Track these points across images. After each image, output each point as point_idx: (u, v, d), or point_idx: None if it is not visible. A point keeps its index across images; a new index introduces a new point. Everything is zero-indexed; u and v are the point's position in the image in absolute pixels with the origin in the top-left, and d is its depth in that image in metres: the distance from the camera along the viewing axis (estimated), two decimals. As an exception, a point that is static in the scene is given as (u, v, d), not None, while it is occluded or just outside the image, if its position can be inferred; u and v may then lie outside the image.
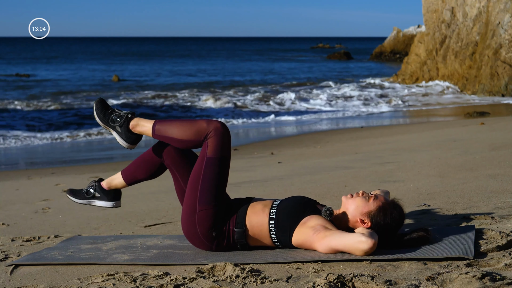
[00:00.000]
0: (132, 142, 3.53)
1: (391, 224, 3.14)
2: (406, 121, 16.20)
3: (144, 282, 2.88)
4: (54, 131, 14.77)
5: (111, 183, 3.61)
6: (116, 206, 3.62)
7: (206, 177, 3.32)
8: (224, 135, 3.35)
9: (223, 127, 3.36)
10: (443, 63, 23.34)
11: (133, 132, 3.51)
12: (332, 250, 3.06)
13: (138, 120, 3.51)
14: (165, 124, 3.45)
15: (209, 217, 3.27)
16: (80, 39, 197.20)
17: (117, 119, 3.52)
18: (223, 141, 3.34)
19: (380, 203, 3.17)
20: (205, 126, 3.36)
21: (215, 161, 3.33)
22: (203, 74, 37.08)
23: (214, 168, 3.32)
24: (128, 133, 3.51)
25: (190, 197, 3.33)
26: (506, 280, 2.53)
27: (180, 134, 3.40)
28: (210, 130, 3.34)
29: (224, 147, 3.35)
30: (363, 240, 2.97)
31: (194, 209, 3.30)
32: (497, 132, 9.30)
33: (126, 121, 3.51)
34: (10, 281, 3.08)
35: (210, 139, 3.34)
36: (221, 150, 3.34)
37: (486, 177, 5.04)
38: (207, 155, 3.33)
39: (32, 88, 27.24)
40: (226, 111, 18.91)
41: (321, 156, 8.77)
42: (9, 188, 7.41)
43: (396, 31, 45.92)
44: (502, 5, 20.89)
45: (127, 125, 3.51)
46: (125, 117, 3.51)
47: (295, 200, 3.29)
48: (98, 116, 3.56)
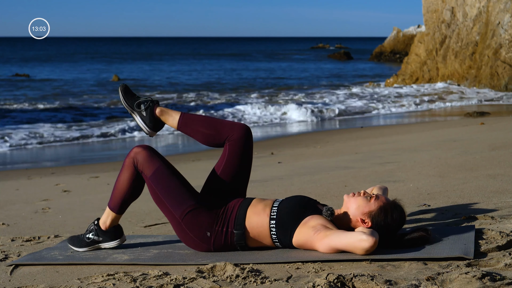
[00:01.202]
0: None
1: (391, 225, 3.14)
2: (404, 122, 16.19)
3: (144, 282, 2.88)
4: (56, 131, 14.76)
5: (164, 115, 3.57)
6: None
7: (163, 191, 3.38)
8: (146, 151, 3.45)
9: (141, 147, 3.48)
10: (443, 63, 23.34)
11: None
12: (333, 249, 3.06)
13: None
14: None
15: (195, 219, 3.29)
16: (80, 39, 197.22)
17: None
18: (148, 156, 3.44)
19: (381, 203, 3.17)
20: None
21: (155, 176, 3.40)
22: (188, 76, 37.03)
23: (160, 180, 3.39)
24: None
25: (167, 214, 3.39)
26: (506, 280, 2.53)
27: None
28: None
29: (154, 159, 3.44)
30: (364, 239, 2.97)
31: (177, 220, 3.35)
32: (497, 132, 9.30)
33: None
34: (10, 281, 3.08)
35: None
36: (151, 165, 3.42)
37: (486, 177, 5.03)
38: (147, 176, 3.42)
39: (32, 88, 27.24)
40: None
41: (321, 156, 8.77)
42: (9, 188, 7.41)
43: (396, 31, 45.92)
44: (502, 5, 20.89)
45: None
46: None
47: (296, 200, 3.29)
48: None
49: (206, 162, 8.68)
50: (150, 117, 3.56)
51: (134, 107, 3.58)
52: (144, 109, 3.56)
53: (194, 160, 9.34)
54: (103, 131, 14.26)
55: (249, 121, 16.10)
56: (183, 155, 10.47)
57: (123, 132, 14.07)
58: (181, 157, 10.26)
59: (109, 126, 15.00)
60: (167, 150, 11.55)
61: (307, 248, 3.17)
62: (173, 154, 10.85)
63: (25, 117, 17.44)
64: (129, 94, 3.62)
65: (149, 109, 3.55)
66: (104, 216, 3.56)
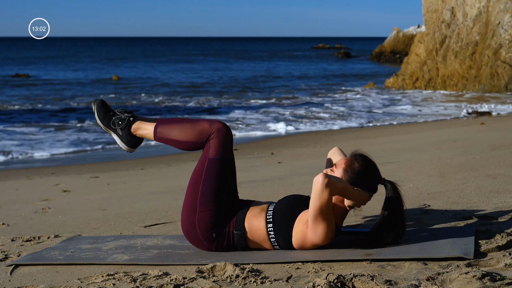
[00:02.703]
0: (133, 145, 3.54)
1: (363, 172, 3.17)
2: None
3: (144, 282, 2.88)
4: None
5: (139, 130, 3.51)
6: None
7: (208, 179, 3.31)
8: (226, 136, 3.35)
9: (225, 128, 3.36)
10: (443, 63, 23.34)
11: (134, 135, 3.51)
12: (315, 219, 3.07)
13: (139, 123, 3.50)
14: (167, 127, 3.45)
15: (209, 219, 3.27)
16: (80, 39, 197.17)
17: (118, 122, 3.52)
18: (226, 142, 3.34)
19: (342, 166, 3.21)
20: (207, 127, 3.36)
21: (217, 162, 3.32)
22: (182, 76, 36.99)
23: (216, 170, 3.32)
24: (129, 137, 3.51)
25: (190, 197, 3.32)
26: (506, 280, 2.53)
27: (182, 136, 3.40)
28: (213, 131, 3.34)
29: (227, 148, 3.35)
30: (315, 180, 3.02)
31: (194, 210, 3.30)
32: (497, 132, 9.30)
33: (128, 124, 3.50)
34: (10, 281, 3.08)
35: (212, 140, 3.34)
36: (224, 151, 3.34)
37: (486, 177, 5.03)
38: (209, 156, 3.33)
39: (31, 88, 27.23)
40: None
41: (321, 156, 8.76)
42: (9, 188, 7.41)
43: (396, 31, 45.92)
44: (502, 5, 20.89)
45: (129, 129, 3.51)
46: (126, 120, 3.51)
47: (288, 200, 3.30)
48: (99, 118, 3.55)
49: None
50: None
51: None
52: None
53: (194, 160, 9.33)
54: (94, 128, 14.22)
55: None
56: (183, 155, 10.46)
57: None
58: (181, 157, 10.26)
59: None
60: (167, 149, 11.55)
61: (306, 245, 3.16)
62: (173, 153, 10.84)
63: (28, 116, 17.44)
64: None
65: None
66: (142, 125, 3.48)
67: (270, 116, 17.09)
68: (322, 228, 3.08)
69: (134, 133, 3.50)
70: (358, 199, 3.17)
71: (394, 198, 3.17)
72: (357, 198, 3.16)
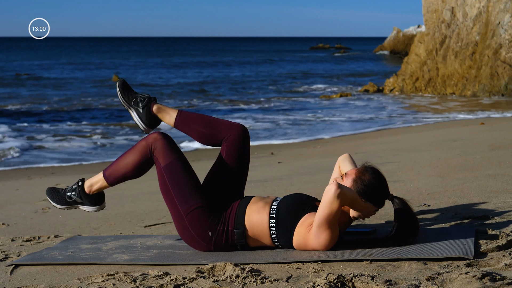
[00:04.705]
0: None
1: (373, 185, 3.17)
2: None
3: (144, 282, 2.88)
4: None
5: (160, 113, 3.55)
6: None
7: (173, 183, 3.35)
8: (165, 141, 3.40)
9: (160, 135, 3.42)
10: (443, 63, 23.33)
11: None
12: (320, 227, 3.07)
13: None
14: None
15: (199, 217, 3.28)
16: (80, 39, 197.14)
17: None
18: (168, 146, 3.40)
19: (352, 176, 3.22)
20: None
21: (171, 167, 3.37)
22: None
23: (174, 173, 3.36)
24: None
25: (171, 207, 3.37)
26: (506, 280, 2.53)
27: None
28: (155, 145, 3.40)
29: (172, 150, 3.40)
30: (328, 188, 3.03)
31: (181, 215, 3.33)
32: (497, 132, 9.30)
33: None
34: (10, 281, 3.08)
35: (155, 151, 3.39)
36: (170, 154, 3.38)
37: (486, 177, 5.03)
38: (161, 165, 3.39)
39: (31, 88, 27.23)
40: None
41: (321, 156, 8.77)
42: (9, 188, 7.41)
43: (396, 31, 45.94)
44: (502, 5, 20.89)
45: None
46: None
47: (294, 198, 3.30)
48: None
49: (206, 162, 8.67)
50: (147, 114, 3.54)
51: (132, 103, 3.57)
52: (141, 106, 3.55)
53: (194, 160, 9.33)
54: (99, 130, 14.23)
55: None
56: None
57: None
58: (181, 157, 10.25)
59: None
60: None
61: (306, 248, 3.17)
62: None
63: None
64: (126, 89, 3.60)
65: (146, 107, 3.54)
66: (92, 180, 3.52)
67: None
68: (326, 236, 3.09)
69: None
70: (364, 211, 3.18)
71: (404, 211, 3.16)
72: (363, 210, 3.18)
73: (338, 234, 3.12)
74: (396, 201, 3.19)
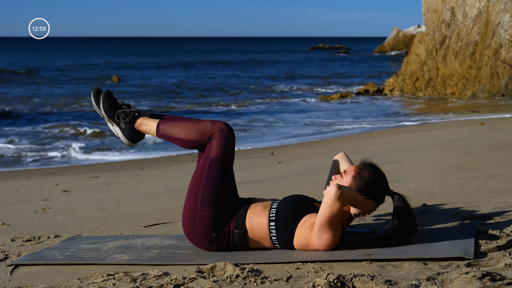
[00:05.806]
0: (134, 140, 3.53)
1: (373, 181, 3.18)
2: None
3: (144, 282, 2.88)
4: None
5: (143, 126, 3.50)
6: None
7: (209, 178, 3.31)
8: (229, 137, 3.35)
9: (228, 128, 3.36)
10: (443, 63, 23.33)
11: (137, 130, 3.51)
12: (322, 228, 3.07)
13: (143, 119, 3.50)
14: (169, 124, 3.45)
15: (210, 218, 3.27)
16: (80, 39, 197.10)
17: (123, 116, 3.50)
18: (228, 143, 3.34)
19: (352, 173, 3.22)
20: (209, 127, 3.36)
21: (218, 162, 3.32)
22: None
23: (217, 170, 3.32)
24: (132, 132, 3.51)
25: (191, 197, 3.33)
26: (506, 280, 2.53)
27: (184, 134, 3.40)
28: (215, 131, 3.34)
29: (228, 148, 3.35)
30: (328, 190, 3.03)
31: (195, 209, 3.30)
32: (497, 132, 9.30)
33: (133, 119, 3.50)
34: (10, 281, 3.08)
35: (214, 140, 3.34)
36: (225, 152, 3.34)
37: (486, 177, 5.03)
38: (211, 156, 3.33)
39: (31, 88, 27.23)
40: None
41: (321, 156, 8.77)
42: (9, 188, 7.40)
43: (396, 31, 45.96)
44: (502, 5, 20.89)
45: (133, 124, 3.50)
46: (131, 115, 3.50)
47: (293, 199, 3.30)
48: (104, 108, 3.52)
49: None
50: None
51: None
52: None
53: (194, 160, 9.33)
54: (93, 130, 14.23)
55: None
56: (183, 155, 10.47)
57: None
58: (181, 157, 10.26)
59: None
60: (167, 149, 11.55)
61: (308, 249, 3.17)
62: (173, 154, 10.85)
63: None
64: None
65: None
66: (146, 121, 3.47)
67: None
68: (328, 237, 3.09)
69: (137, 128, 3.51)
70: (364, 208, 3.19)
71: (402, 208, 3.17)
72: (364, 207, 3.18)
73: (340, 234, 3.13)
74: (396, 197, 3.19)
